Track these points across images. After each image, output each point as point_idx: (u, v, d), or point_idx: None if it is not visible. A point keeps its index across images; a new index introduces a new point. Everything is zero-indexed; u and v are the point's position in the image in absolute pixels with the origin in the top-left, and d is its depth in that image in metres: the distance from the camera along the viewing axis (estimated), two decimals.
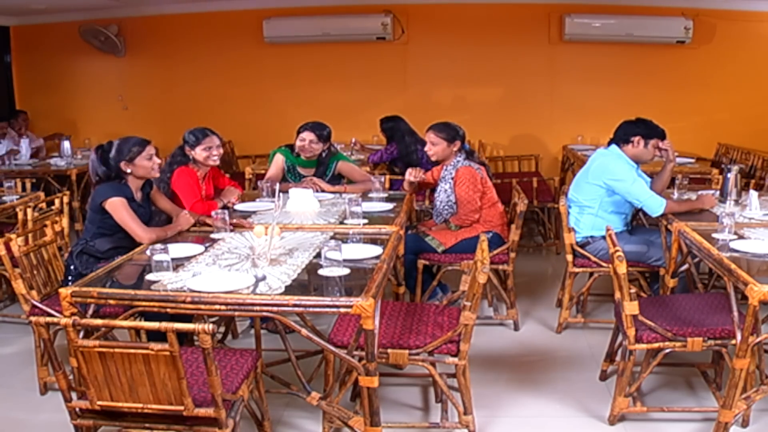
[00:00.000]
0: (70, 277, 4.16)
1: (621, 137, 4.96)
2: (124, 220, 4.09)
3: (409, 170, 5.31)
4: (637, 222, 5.56)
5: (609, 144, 5.03)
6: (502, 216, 5.20)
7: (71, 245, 4.59)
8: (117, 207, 4.10)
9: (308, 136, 5.49)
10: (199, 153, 4.86)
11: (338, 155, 5.82)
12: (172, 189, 4.80)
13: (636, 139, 4.90)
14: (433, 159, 5.31)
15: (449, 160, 5.23)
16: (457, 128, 5.26)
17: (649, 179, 5.00)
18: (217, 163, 4.99)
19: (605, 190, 4.88)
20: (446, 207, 5.21)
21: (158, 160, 4.40)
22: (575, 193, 5.05)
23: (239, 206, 4.96)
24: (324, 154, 5.62)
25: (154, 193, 4.49)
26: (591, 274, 5.00)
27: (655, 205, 4.70)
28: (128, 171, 4.23)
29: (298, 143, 5.52)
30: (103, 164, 4.22)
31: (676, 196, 5.11)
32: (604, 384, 4.24)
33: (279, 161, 5.60)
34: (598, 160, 5.00)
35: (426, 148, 5.26)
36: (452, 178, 5.15)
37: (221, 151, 4.99)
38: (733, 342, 3.34)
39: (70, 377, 2.92)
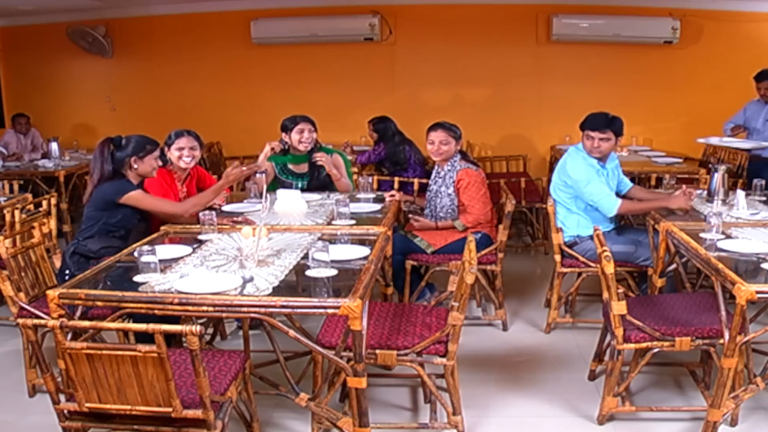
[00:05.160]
0: (67, 273, 4.16)
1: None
2: (153, 204, 4.27)
3: (399, 194, 5.37)
4: (624, 222, 5.57)
5: None
6: (492, 216, 5.20)
7: (59, 247, 4.58)
8: (140, 198, 4.21)
9: (306, 126, 5.47)
10: (171, 153, 4.83)
11: (330, 149, 5.80)
12: (145, 188, 4.78)
13: (582, 134, 4.98)
14: (440, 159, 5.21)
15: (448, 160, 5.22)
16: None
17: (625, 177, 5.09)
18: (190, 165, 4.86)
19: (572, 188, 4.91)
20: (449, 211, 5.19)
21: (160, 163, 4.43)
22: (554, 194, 5.07)
23: (227, 207, 4.95)
24: (315, 146, 5.59)
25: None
26: (579, 274, 5.01)
27: (608, 206, 4.79)
28: (135, 166, 4.26)
29: (295, 137, 5.47)
30: (111, 157, 4.23)
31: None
32: (592, 384, 4.25)
33: (268, 168, 5.57)
34: (562, 159, 5.06)
35: (434, 149, 5.18)
36: (454, 182, 5.14)
37: (196, 153, 4.88)
38: (721, 341, 3.35)
39: (59, 379, 2.91)
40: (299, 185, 5.43)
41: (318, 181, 5.56)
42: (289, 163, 5.58)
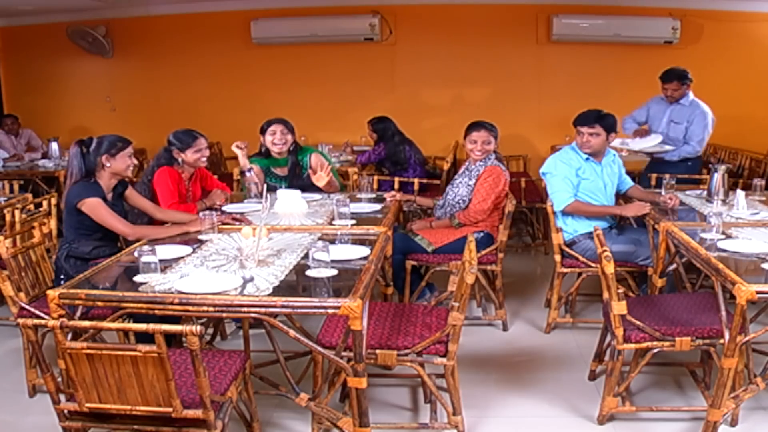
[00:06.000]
0: (62, 278, 4.16)
1: None
2: (103, 218, 4.12)
3: (399, 194, 5.34)
4: (625, 222, 5.57)
5: None
6: (496, 216, 5.18)
7: (59, 247, 4.58)
8: (94, 207, 4.13)
9: (278, 128, 5.49)
10: (190, 156, 4.86)
11: (308, 148, 5.81)
12: (153, 189, 4.80)
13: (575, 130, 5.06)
14: (481, 158, 5.15)
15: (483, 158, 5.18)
16: None
17: (627, 176, 5.22)
18: (206, 164, 5.00)
19: None
20: (459, 202, 5.18)
21: (135, 162, 4.41)
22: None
23: (227, 207, 4.94)
24: (292, 148, 5.59)
25: (129, 192, 4.46)
26: (579, 274, 5.01)
27: (558, 201, 4.91)
28: (107, 165, 4.23)
29: (269, 138, 5.50)
30: (82, 158, 4.21)
31: (663, 193, 5.12)
32: (593, 384, 4.25)
33: (256, 170, 5.58)
34: None
35: (476, 148, 5.13)
36: (478, 174, 5.12)
37: (208, 152, 4.98)
38: (722, 341, 3.35)
39: (59, 379, 2.91)
40: (282, 187, 5.43)
41: (299, 182, 5.53)
42: (271, 166, 5.59)
